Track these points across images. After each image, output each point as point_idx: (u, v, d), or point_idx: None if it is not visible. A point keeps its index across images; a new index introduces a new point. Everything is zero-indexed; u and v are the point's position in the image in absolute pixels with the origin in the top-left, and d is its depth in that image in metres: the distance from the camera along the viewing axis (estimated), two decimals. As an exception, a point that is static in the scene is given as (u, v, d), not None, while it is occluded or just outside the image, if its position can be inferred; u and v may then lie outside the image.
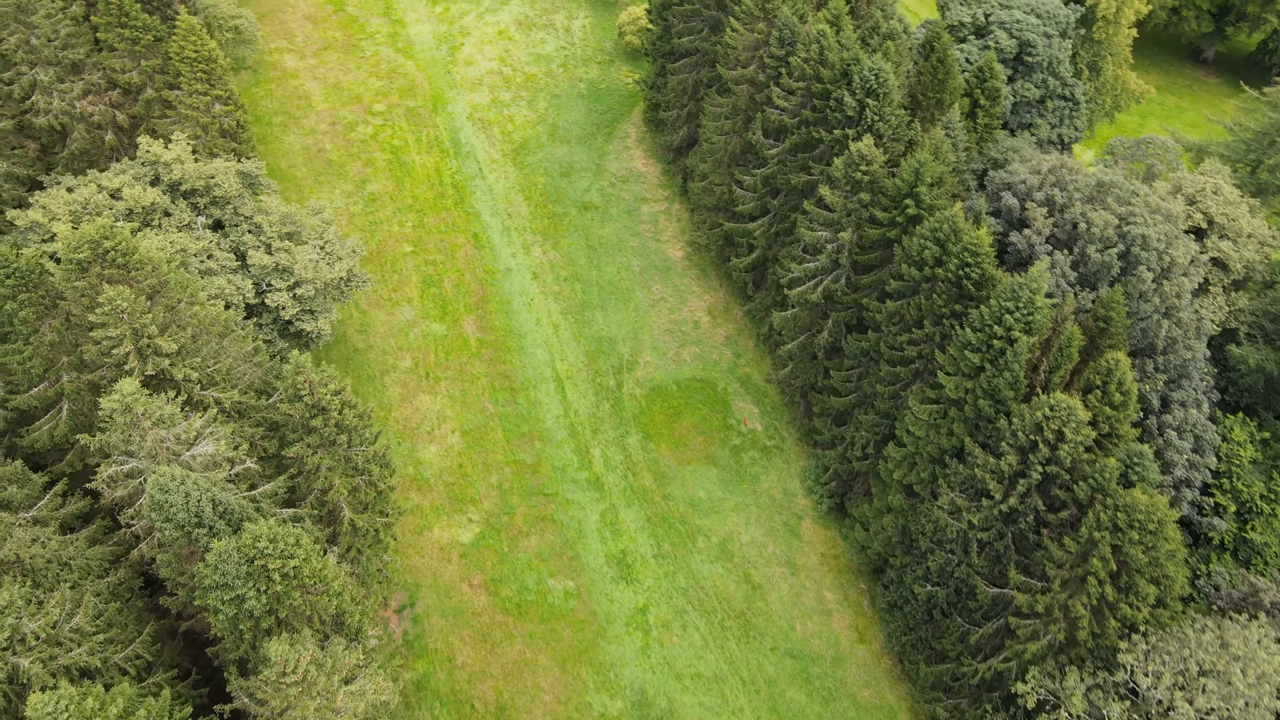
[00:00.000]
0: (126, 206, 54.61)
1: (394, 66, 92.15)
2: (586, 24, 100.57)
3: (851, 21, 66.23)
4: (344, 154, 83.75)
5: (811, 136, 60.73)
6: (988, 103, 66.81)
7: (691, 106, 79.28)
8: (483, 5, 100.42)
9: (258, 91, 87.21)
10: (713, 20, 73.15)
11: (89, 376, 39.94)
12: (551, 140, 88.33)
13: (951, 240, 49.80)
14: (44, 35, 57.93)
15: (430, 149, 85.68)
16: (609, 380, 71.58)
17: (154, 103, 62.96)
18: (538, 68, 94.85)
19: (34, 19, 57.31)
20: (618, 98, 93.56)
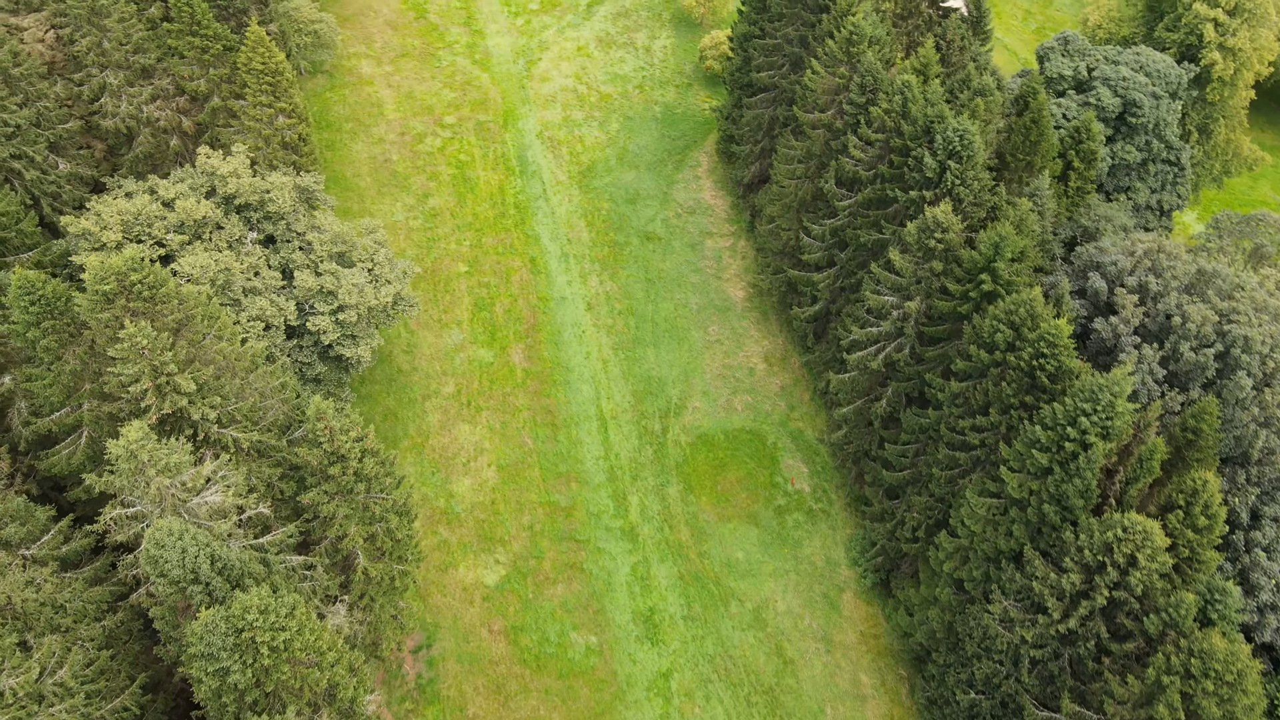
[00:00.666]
0: (178, 219, 53.87)
1: (469, 78, 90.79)
2: (668, 45, 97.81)
3: (941, 69, 62.18)
4: (410, 166, 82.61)
5: (886, 194, 56.93)
6: (1082, 165, 62.00)
7: (765, 143, 75.90)
8: (565, 20, 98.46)
9: (332, 97, 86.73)
10: (794, 57, 69.68)
11: (109, 407, 38.90)
12: (620, 164, 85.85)
13: (1027, 326, 45.66)
14: (116, 39, 57.62)
15: (496, 166, 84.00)
16: (654, 424, 68.78)
17: (219, 111, 62.35)
18: (614, 87, 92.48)
19: (107, 22, 57.02)
20: (692, 124, 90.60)
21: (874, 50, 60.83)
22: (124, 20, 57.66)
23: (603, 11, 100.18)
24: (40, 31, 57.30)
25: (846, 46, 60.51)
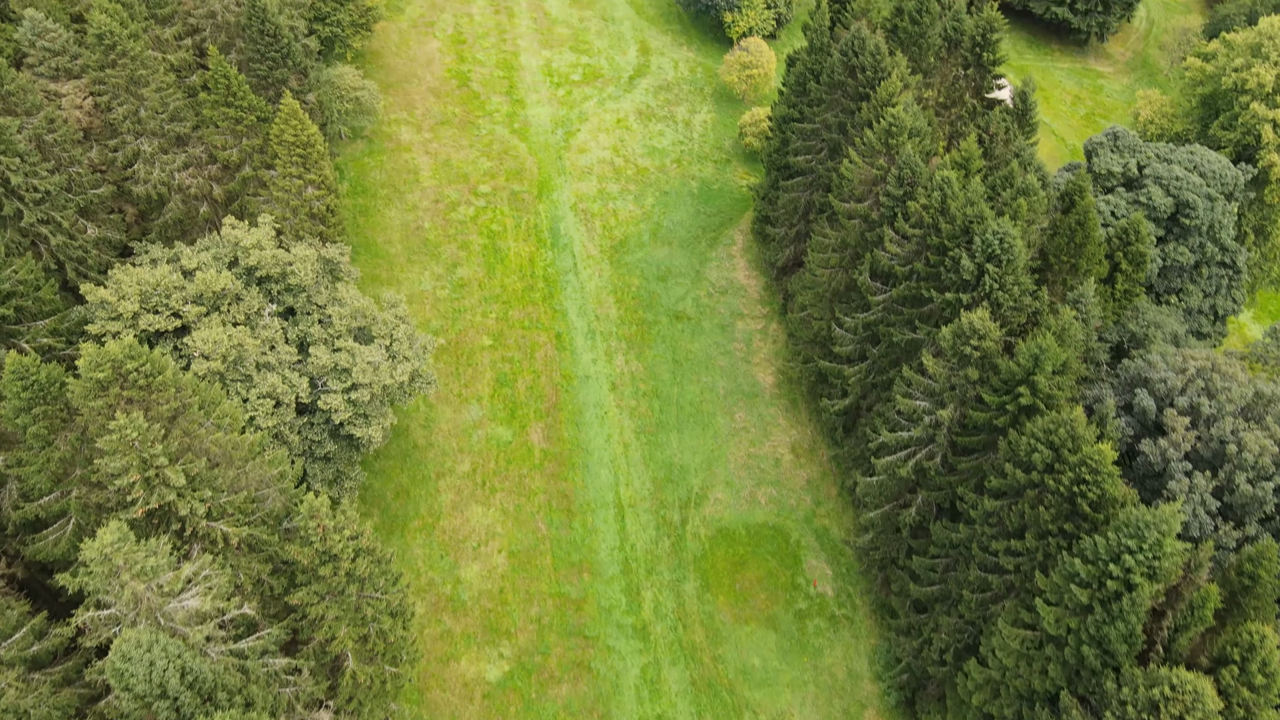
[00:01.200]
0: (197, 290, 53.13)
1: (506, 147, 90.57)
2: (708, 119, 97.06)
3: (983, 163, 60.06)
4: (441, 234, 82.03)
5: (921, 293, 54.52)
6: (1130, 268, 59.10)
7: (801, 227, 74.06)
8: (606, 91, 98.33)
9: (369, 162, 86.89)
10: (833, 144, 68.06)
11: (96, 497, 37.55)
12: (653, 240, 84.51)
13: (1068, 448, 42.64)
14: (153, 107, 57.76)
15: (528, 237, 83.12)
16: (674, 514, 66.13)
17: (250, 180, 62.14)
18: (651, 161, 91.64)
19: (145, 91, 57.22)
20: (729, 200, 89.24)
21: (914, 142, 58.95)
22: (161, 90, 57.85)
23: (645, 84, 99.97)
24: (79, 98, 57.66)
25: (885, 138, 58.71)
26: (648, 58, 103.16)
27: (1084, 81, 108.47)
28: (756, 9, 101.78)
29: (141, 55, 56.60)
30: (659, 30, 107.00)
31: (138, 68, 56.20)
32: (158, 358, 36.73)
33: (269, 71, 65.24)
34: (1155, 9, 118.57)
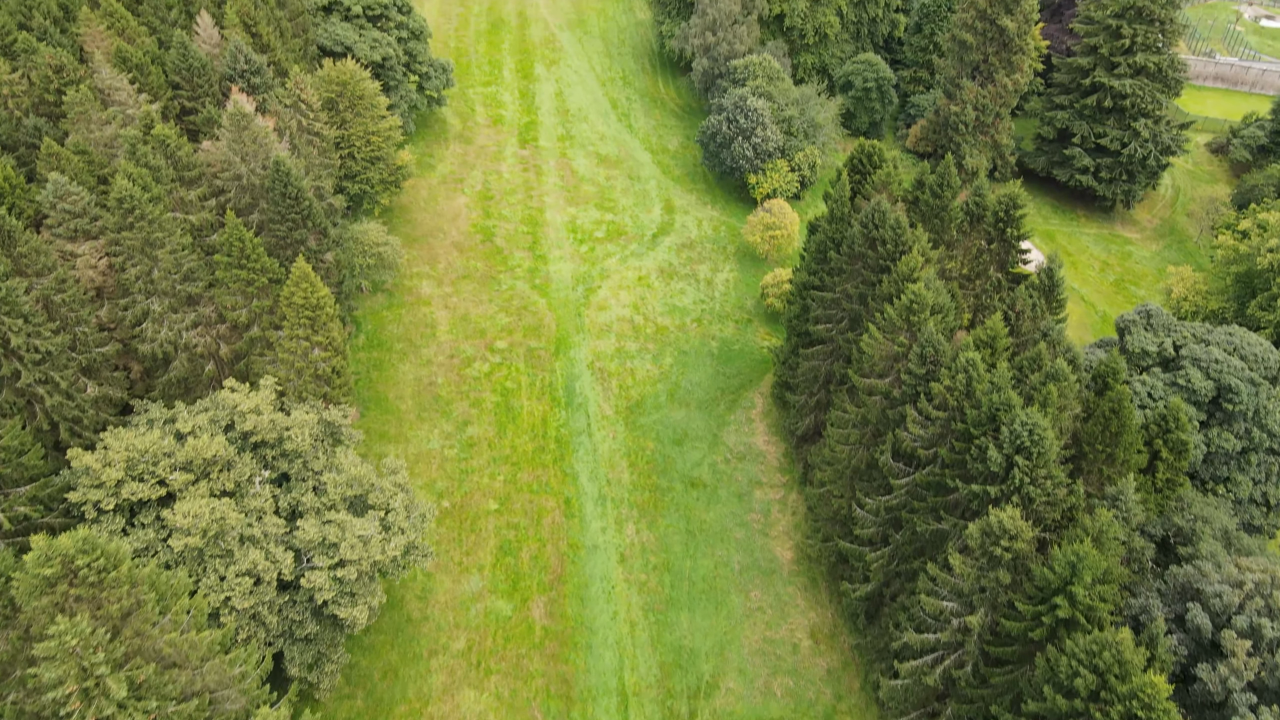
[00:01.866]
0: (186, 457, 51.04)
1: (526, 303, 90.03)
2: (730, 278, 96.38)
3: (1010, 340, 57.49)
4: (454, 390, 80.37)
5: (946, 481, 50.97)
6: (1172, 456, 55.23)
7: (821, 395, 71.38)
8: (629, 249, 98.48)
9: (388, 315, 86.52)
10: (853, 314, 66.16)
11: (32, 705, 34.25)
12: (670, 401, 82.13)
13: (1115, 674, 37.96)
14: (166, 268, 57.46)
15: (542, 395, 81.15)
16: (681, 705, 60.79)
17: (257, 341, 61.14)
18: (671, 319, 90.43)
19: (159, 253, 57.05)
20: (749, 361, 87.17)
21: (936, 320, 56.73)
22: (176, 251, 57.69)
23: (668, 242, 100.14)
24: (94, 258, 57.64)
25: (906, 314, 56.56)
26: (672, 216, 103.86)
27: (1111, 248, 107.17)
28: (780, 172, 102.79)
29: (160, 218, 56.73)
30: (684, 189, 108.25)
31: (155, 230, 56.21)
32: (113, 550, 34.08)
33: (288, 232, 65.36)
34: (1181, 177, 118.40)
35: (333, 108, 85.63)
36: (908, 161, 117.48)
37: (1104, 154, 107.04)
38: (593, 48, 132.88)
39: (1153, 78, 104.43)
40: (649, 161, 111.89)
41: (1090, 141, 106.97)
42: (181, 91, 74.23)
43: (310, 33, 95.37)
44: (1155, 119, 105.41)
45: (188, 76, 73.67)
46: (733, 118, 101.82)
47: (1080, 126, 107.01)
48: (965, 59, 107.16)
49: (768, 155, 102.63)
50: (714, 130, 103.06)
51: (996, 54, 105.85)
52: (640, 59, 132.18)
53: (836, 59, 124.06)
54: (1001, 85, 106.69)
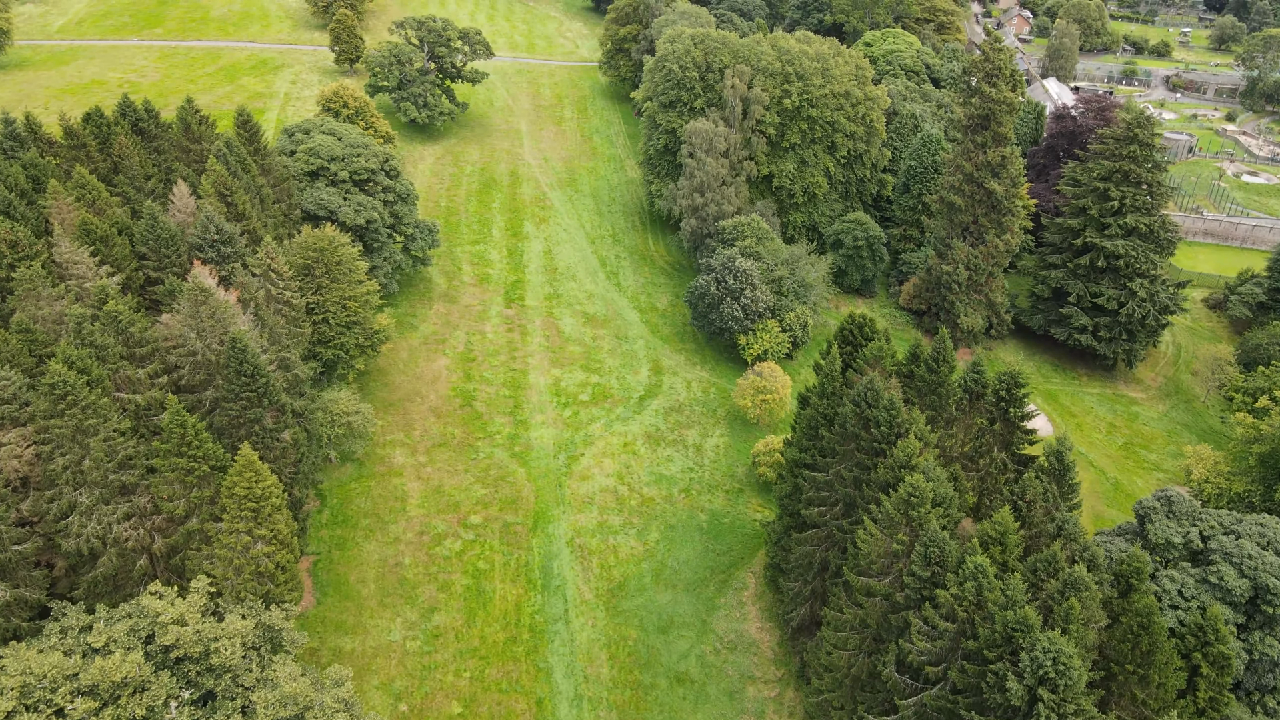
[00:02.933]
0: (92, 680, 44.53)
1: (504, 473, 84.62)
2: (720, 444, 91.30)
3: (1021, 534, 51.77)
4: (421, 572, 73.88)
5: (961, 713, 44.16)
6: (1213, 672, 48.48)
7: (817, 584, 64.93)
8: (614, 413, 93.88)
9: (356, 488, 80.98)
10: (848, 499, 60.63)
11: None
12: (655, 582, 75.45)
13: None
14: (97, 457, 52.51)
15: (517, 577, 74.58)
16: None
17: (195, 534, 55.50)
18: (657, 490, 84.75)
19: (92, 441, 52.25)
20: (740, 536, 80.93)
21: (938, 513, 51.22)
22: (110, 439, 52.90)
23: (655, 405, 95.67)
24: (19, 448, 52.81)
25: (905, 508, 51.08)
26: (659, 377, 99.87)
27: (1117, 408, 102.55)
28: (771, 332, 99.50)
29: (95, 403, 52.26)
30: (672, 349, 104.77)
31: (88, 416, 51.64)
32: None
33: (242, 411, 60.82)
34: (1181, 334, 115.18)
35: (309, 273, 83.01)
36: (901, 319, 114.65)
37: (1102, 313, 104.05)
38: (583, 205, 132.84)
39: (1145, 238, 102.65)
40: (637, 320, 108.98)
41: (1086, 300, 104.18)
42: (148, 262, 71.51)
43: (294, 198, 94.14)
44: (1151, 278, 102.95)
45: (155, 247, 71.11)
46: (721, 278, 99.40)
47: (1075, 286, 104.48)
48: (955, 220, 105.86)
49: (757, 316, 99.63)
50: (702, 291, 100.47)
51: (986, 215, 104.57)
52: (630, 216, 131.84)
53: (826, 217, 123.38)
54: (993, 245, 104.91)
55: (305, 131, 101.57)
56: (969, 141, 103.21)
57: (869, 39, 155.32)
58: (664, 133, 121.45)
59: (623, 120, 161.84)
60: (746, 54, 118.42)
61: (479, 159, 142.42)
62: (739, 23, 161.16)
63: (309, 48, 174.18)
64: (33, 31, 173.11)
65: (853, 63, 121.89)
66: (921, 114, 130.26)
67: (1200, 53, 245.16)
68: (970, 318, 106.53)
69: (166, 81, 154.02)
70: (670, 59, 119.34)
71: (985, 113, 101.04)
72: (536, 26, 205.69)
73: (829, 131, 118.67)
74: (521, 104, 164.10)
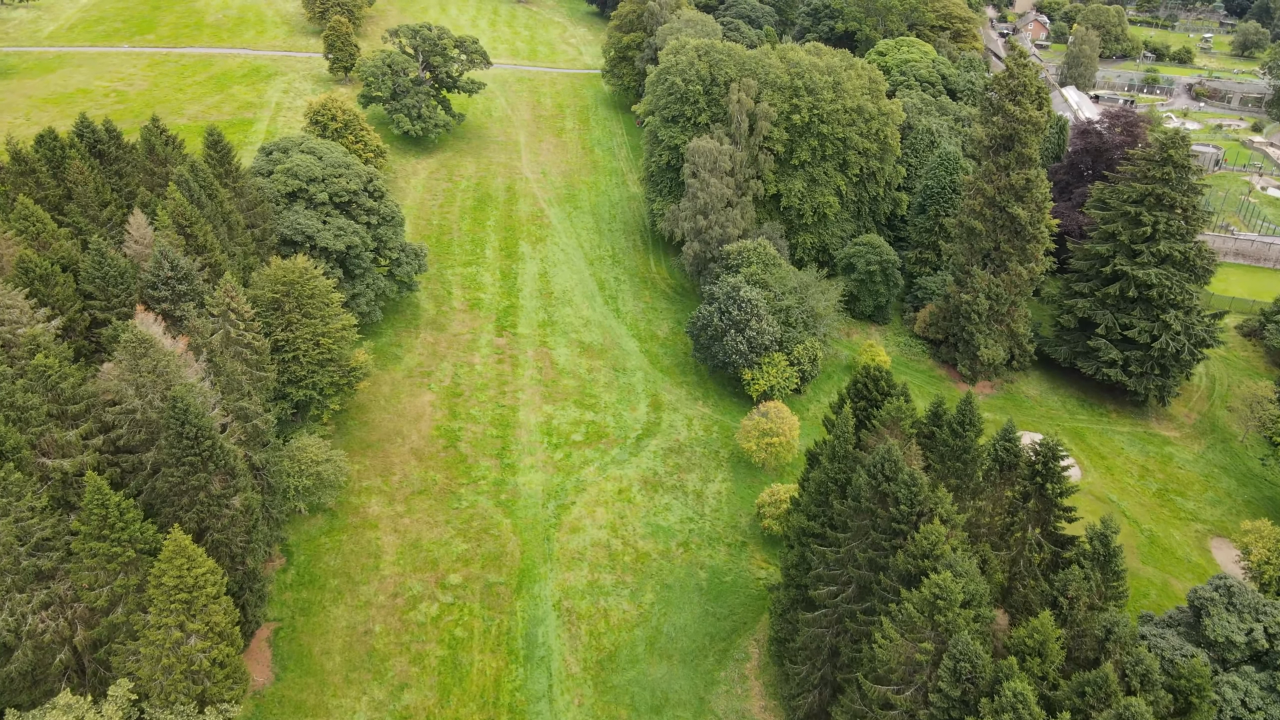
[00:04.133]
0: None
1: (487, 524, 77.54)
2: (722, 490, 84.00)
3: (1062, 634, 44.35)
4: (392, 642, 66.89)
5: None
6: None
7: (826, 671, 57.65)
8: (609, 455, 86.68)
9: (325, 543, 74.03)
10: (862, 582, 53.30)
11: None
12: (649, 652, 68.28)
13: None
14: (7, 542, 45.62)
15: (497, 647, 67.51)
16: None
17: (120, 626, 48.54)
18: (654, 544, 77.52)
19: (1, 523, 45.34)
20: (743, 598, 73.66)
21: (968, 616, 43.84)
22: (23, 519, 46.03)
23: (653, 445, 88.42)
24: (-81, 530, 45.98)
25: (930, 611, 43.74)
26: (659, 414, 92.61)
27: (1149, 449, 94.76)
28: (778, 367, 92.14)
29: (7, 479, 45.38)
30: (673, 382, 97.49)
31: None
32: None
33: (184, 477, 53.86)
34: (1216, 365, 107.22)
35: (278, 308, 76.13)
36: (916, 348, 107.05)
37: (1132, 346, 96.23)
38: (582, 224, 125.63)
39: (1179, 267, 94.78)
40: (636, 350, 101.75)
41: (1116, 332, 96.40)
42: (94, 302, 64.69)
43: (269, 223, 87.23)
44: (1186, 309, 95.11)
45: (102, 285, 64.29)
46: (725, 309, 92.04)
47: (1104, 317, 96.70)
48: (975, 246, 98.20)
49: (763, 349, 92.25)
50: (705, 321, 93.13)
51: (1009, 241, 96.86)
52: (631, 235, 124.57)
53: (837, 238, 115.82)
54: (1015, 273, 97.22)
55: (284, 150, 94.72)
56: (990, 163, 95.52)
57: (882, 48, 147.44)
58: (666, 149, 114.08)
59: (625, 131, 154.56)
60: (753, 66, 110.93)
61: (474, 173, 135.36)
62: (746, 31, 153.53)
63: (304, 55, 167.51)
64: (22, 38, 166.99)
65: (865, 75, 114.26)
66: (938, 129, 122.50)
67: (1223, 59, 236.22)
68: (991, 350, 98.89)
69: (154, 91, 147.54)
70: (673, 71, 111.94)
71: (1009, 133, 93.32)
72: (539, 33, 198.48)
73: (840, 148, 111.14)
74: (521, 114, 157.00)
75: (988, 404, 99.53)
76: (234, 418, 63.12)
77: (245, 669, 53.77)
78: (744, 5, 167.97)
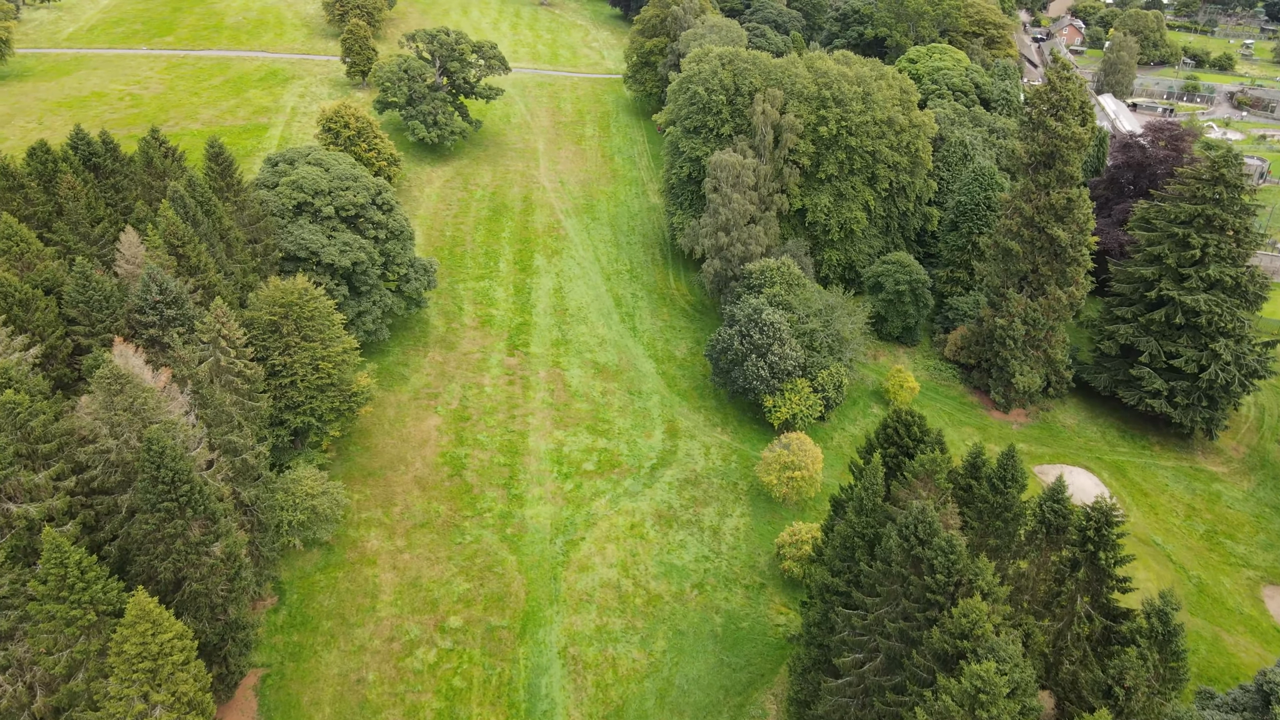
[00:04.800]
0: None
1: (492, 561, 73.10)
2: (741, 526, 79.05)
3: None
4: (386, 692, 62.58)
5: None
6: None
7: (850, 745, 52.57)
8: (621, 486, 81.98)
9: (320, 580, 69.89)
10: (891, 654, 48.15)
11: None
12: (659, 707, 63.53)
13: None
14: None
15: (498, 699, 63.06)
16: None
17: (80, 695, 44.47)
18: (667, 585, 72.76)
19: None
20: (760, 646, 68.73)
21: (1012, 710, 38.69)
22: (-23, 578, 42.01)
23: (669, 476, 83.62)
24: None
25: (971, 705, 38.66)
26: (675, 442, 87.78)
27: (1195, 486, 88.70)
28: (801, 394, 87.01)
29: (-40, 533, 41.41)
30: (690, 407, 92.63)
31: (-53, 552, 40.80)
32: None
33: (159, 525, 49.78)
34: (1266, 395, 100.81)
35: (276, 330, 72.11)
36: (947, 373, 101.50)
37: (1178, 375, 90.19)
38: (600, 236, 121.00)
39: (1230, 292, 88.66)
40: (652, 372, 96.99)
41: (1160, 360, 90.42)
42: (78, 327, 60.88)
43: (271, 238, 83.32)
44: (1237, 338, 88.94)
45: (86, 310, 60.48)
46: (746, 332, 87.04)
47: (1148, 343, 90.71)
48: (1011, 268, 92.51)
49: (786, 375, 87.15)
50: (724, 345, 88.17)
51: (1047, 264, 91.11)
52: (650, 248, 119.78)
53: (864, 255, 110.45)
54: (1054, 298, 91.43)
55: (290, 161, 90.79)
56: (1029, 180, 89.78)
57: (913, 55, 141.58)
58: (687, 160, 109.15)
59: (647, 139, 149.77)
60: (779, 76, 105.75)
61: (491, 181, 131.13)
62: (772, 37, 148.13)
63: (322, 58, 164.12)
64: (41, 39, 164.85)
65: (896, 85, 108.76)
66: (972, 141, 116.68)
67: (1265, 66, 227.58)
68: (1026, 377, 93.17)
69: (169, 94, 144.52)
70: (695, 80, 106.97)
71: (1049, 149, 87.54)
72: (561, 36, 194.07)
73: (869, 162, 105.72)
74: (540, 120, 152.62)
75: (1022, 434, 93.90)
76: (221, 452, 59.09)
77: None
78: (770, 10, 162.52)
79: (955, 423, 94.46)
